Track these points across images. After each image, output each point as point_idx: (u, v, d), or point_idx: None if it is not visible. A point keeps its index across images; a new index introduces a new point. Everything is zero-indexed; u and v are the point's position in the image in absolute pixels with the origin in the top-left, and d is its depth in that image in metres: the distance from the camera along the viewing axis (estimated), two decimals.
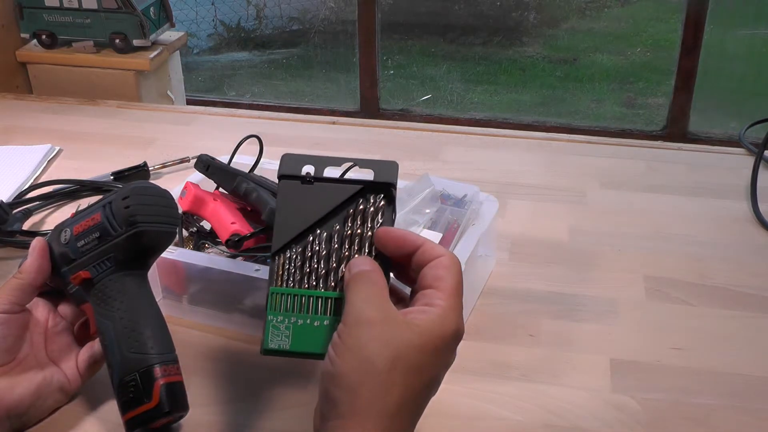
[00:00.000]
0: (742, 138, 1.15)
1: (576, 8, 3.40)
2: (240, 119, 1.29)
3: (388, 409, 0.49)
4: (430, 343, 0.51)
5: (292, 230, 0.59)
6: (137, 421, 0.63)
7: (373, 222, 0.58)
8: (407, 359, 0.50)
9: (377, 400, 0.49)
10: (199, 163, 0.86)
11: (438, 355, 0.52)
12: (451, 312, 0.52)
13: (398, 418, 0.50)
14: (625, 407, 0.69)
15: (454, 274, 0.54)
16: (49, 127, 1.26)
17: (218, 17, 3.66)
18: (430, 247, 0.56)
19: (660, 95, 2.86)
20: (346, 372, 0.50)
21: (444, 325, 0.52)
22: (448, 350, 0.53)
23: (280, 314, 0.57)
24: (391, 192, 0.59)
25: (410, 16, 3.32)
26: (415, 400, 0.51)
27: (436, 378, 0.53)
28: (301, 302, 0.57)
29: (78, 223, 0.67)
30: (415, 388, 0.51)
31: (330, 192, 0.59)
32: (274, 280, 0.58)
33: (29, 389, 0.65)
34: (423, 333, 0.51)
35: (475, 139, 1.19)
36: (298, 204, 0.59)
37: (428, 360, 0.51)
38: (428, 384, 0.52)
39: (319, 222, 0.59)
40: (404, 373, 0.50)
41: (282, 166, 0.60)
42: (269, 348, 0.56)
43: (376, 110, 2.62)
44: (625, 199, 1.02)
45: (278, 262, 0.59)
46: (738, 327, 0.79)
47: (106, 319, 0.65)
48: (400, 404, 0.50)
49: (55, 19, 1.60)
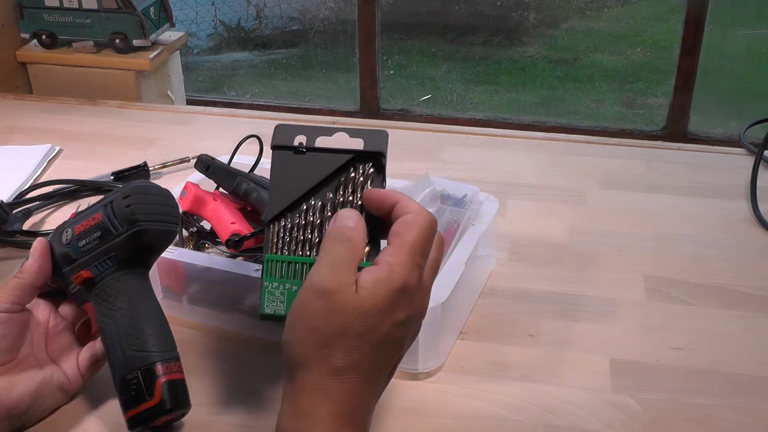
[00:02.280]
0: (742, 138, 1.15)
1: (576, 8, 3.40)
2: (240, 119, 1.29)
3: (331, 371, 0.52)
4: (375, 304, 0.52)
5: (286, 199, 0.60)
6: (139, 419, 0.63)
7: (363, 190, 0.59)
8: (352, 329, 0.52)
9: (320, 365, 0.52)
10: (199, 163, 0.86)
11: (383, 314, 0.52)
12: (398, 267, 0.53)
13: (342, 377, 0.52)
14: (625, 407, 0.69)
15: (414, 231, 0.54)
16: (49, 127, 1.26)
17: (218, 17, 3.66)
18: (404, 204, 0.56)
19: (660, 95, 2.86)
20: (293, 340, 0.53)
21: (389, 281, 0.52)
22: (393, 306, 0.53)
23: (275, 280, 0.59)
24: (380, 161, 0.60)
25: (410, 16, 3.32)
26: (362, 362, 0.52)
27: (387, 336, 0.53)
28: (295, 269, 0.59)
29: (79, 223, 0.67)
30: (360, 351, 0.52)
31: (322, 161, 0.60)
32: (269, 248, 0.60)
33: (29, 388, 0.65)
34: (368, 294, 0.52)
35: (475, 139, 1.19)
36: (291, 173, 0.61)
37: (373, 322, 0.52)
38: (376, 344, 0.53)
39: (312, 191, 0.60)
40: (348, 341, 0.52)
41: (275, 137, 0.62)
42: (266, 313, 0.59)
43: (376, 110, 2.62)
44: (625, 199, 1.02)
45: (273, 230, 0.60)
46: (738, 327, 0.79)
47: (107, 318, 0.65)
48: (344, 366, 0.52)
49: (55, 19, 1.59)
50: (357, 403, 0.53)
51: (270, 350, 0.76)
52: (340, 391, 0.52)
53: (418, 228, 0.54)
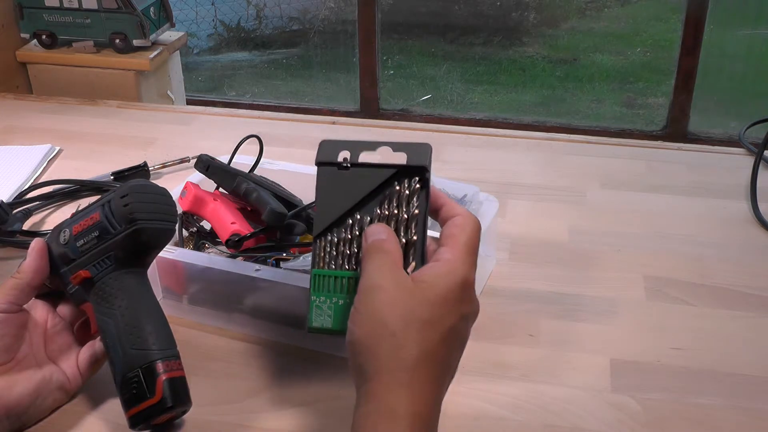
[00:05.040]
0: (742, 138, 1.15)
1: (576, 8, 3.39)
2: (240, 119, 1.29)
3: (405, 363, 0.52)
4: (438, 295, 0.54)
5: (332, 215, 0.61)
6: (141, 417, 0.63)
7: (408, 205, 0.60)
8: (418, 316, 0.53)
9: (393, 357, 0.52)
10: (199, 163, 0.86)
11: (448, 306, 0.54)
12: (458, 263, 0.55)
13: (418, 371, 0.52)
14: (625, 407, 0.69)
15: (466, 232, 0.57)
16: (49, 127, 1.26)
17: (218, 17, 3.65)
18: (450, 207, 0.59)
19: (660, 95, 2.86)
20: (362, 338, 0.53)
21: (450, 275, 0.54)
22: (458, 300, 0.54)
23: (322, 294, 0.60)
24: (424, 174, 0.60)
25: (410, 16, 3.32)
26: (434, 353, 0.53)
27: (454, 329, 0.55)
28: (341, 283, 0.60)
29: (77, 223, 0.67)
30: (431, 340, 0.53)
31: (366, 176, 0.61)
32: (317, 263, 0.61)
33: (28, 388, 0.65)
34: (430, 287, 0.54)
35: (475, 139, 1.19)
36: (336, 189, 0.62)
37: (438, 312, 0.53)
38: (445, 335, 0.54)
39: (357, 206, 0.61)
40: (417, 329, 0.53)
41: (320, 153, 0.63)
42: (314, 326, 0.60)
43: (376, 110, 2.62)
44: (625, 199, 1.02)
45: (320, 245, 0.61)
46: (738, 327, 0.79)
47: (107, 317, 0.65)
48: (417, 358, 0.52)
49: (55, 19, 1.59)
50: (432, 400, 0.53)
51: (270, 350, 0.76)
52: (419, 387, 0.52)
53: (470, 229, 0.57)
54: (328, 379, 0.73)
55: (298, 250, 0.79)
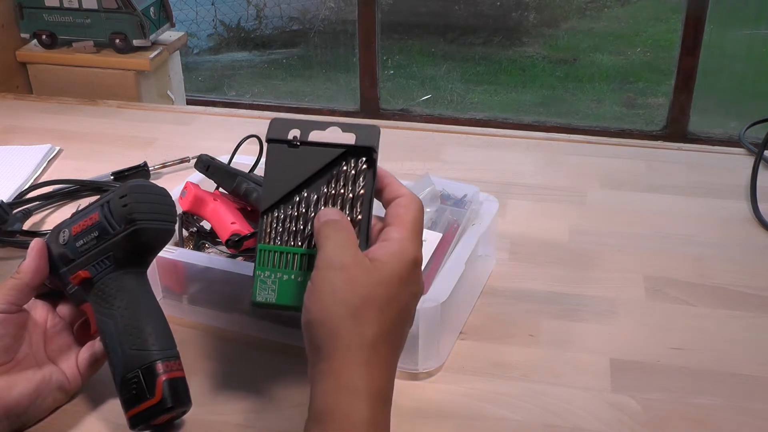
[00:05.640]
0: (742, 138, 1.15)
1: (576, 8, 3.39)
2: (240, 119, 1.29)
3: (366, 341, 0.53)
4: (393, 275, 0.55)
5: (280, 191, 0.62)
6: (140, 418, 0.63)
7: (354, 185, 0.61)
8: (376, 295, 0.54)
9: (355, 336, 0.53)
10: (199, 163, 0.86)
11: (402, 285, 0.56)
12: (407, 242, 0.57)
13: (377, 348, 0.54)
14: (625, 407, 0.69)
15: (411, 211, 0.58)
16: (49, 127, 1.26)
17: (218, 17, 3.65)
18: (395, 187, 0.60)
19: (660, 95, 2.86)
20: (320, 316, 0.54)
21: (402, 255, 0.56)
22: (410, 279, 0.56)
23: (267, 269, 0.61)
24: (372, 156, 0.61)
25: (410, 16, 3.32)
26: (390, 331, 0.55)
27: (406, 308, 0.57)
28: (286, 259, 0.61)
29: (76, 223, 0.67)
30: (388, 319, 0.55)
31: (315, 155, 0.62)
32: (263, 238, 0.62)
33: (28, 389, 0.65)
34: (385, 267, 0.55)
35: (475, 139, 1.19)
36: (285, 166, 0.62)
37: (394, 291, 0.55)
38: (399, 314, 0.56)
39: (305, 184, 0.62)
40: (376, 308, 0.54)
41: (270, 130, 0.63)
42: (257, 301, 0.61)
43: (376, 110, 2.62)
44: (625, 199, 1.02)
45: (266, 221, 0.62)
46: (738, 327, 0.79)
47: (106, 317, 0.65)
48: (377, 335, 0.54)
49: (55, 19, 1.59)
50: (388, 376, 0.55)
51: (270, 350, 0.76)
52: (377, 364, 0.53)
53: (414, 208, 0.59)
54: None
55: None
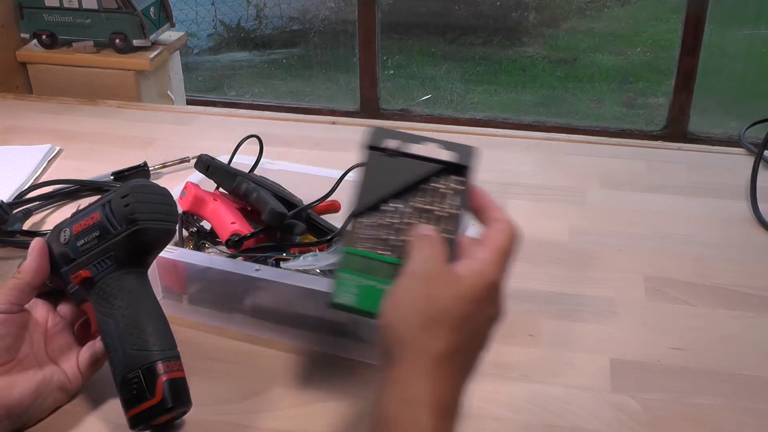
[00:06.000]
0: (742, 138, 1.15)
1: (576, 8, 3.40)
2: (240, 119, 1.29)
3: (434, 354, 0.53)
4: (470, 292, 0.54)
5: (372, 198, 0.62)
6: (141, 418, 0.63)
7: (448, 202, 0.61)
8: (451, 310, 0.54)
9: (423, 347, 0.53)
10: (199, 163, 0.86)
11: (478, 304, 0.55)
12: (490, 264, 0.56)
13: (445, 363, 0.53)
14: (625, 407, 0.69)
15: (505, 237, 0.57)
16: (49, 127, 1.26)
17: (218, 17, 3.65)
18: (495, 211, 0.60)
19: (660, 95, 2.86)
20: (396, 322, 0.54)
21: (483, 275, 0.55)
22: (487, 300, 0.55)
23: (350, 273, 0.60)
24: (467, 174, 0.62)
25: (410, 16, 3.32)
26: (459, 350, 0.54)
27: (480, 330, 0.56)
28: (371, 265, 0.60)
29: (77, 223, 0.67)
30: (459, 337, 0.54)
31: (412, 167, 0.63)
32: (351, 242, 0.61)
33: (29, 388, 0.65)
34: (463, 283, 0.55)
35: (475, 139, 1.19)
36: (380, 174, 0.63)
37: (469, 309, 0.54)
38: (471, 334, 0.55)
39: (399, 194, 0.62)
40: (448, 323, 0.53)
41: (370, 137, 0.64)
42: (336, 302, 0.59)
43: (376, 110, 2.62)
44: (625, 199, 1.02)
45: (356, 225, 0.62)
46: (738, 327, 0.79)
47: (107, 317, 0.65)
48: (444, 350, 0.53)
49: (55, 19, 1.60)
50: (454, 393, 0.54)
51: (270, 350, 0.76)
52: (442, 379, 0.53)
53: (509, 235, 0.58)
54: (328, 379, 0.73)
55: (298, 250, 0.79)
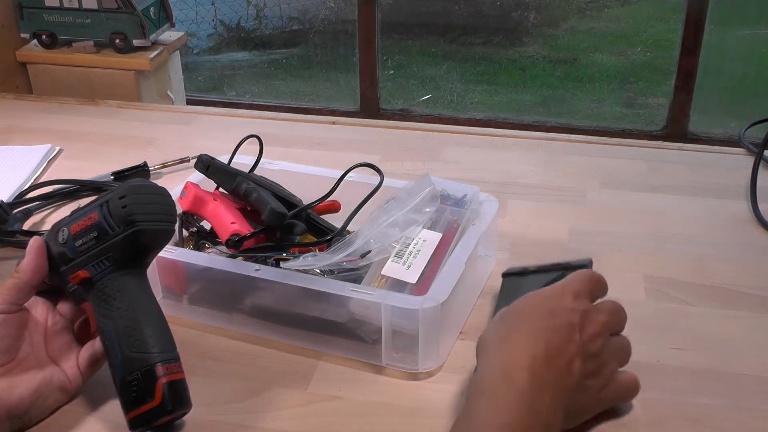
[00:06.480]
0: (742, 138, 1.15)
1: (576, 8, 3.40)
2: (240, 119, 1.29)
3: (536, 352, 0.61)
4: (527, 300, 0.65)
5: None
6: (140, 420, 0.63)
7: None
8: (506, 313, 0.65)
9: (496, 358, 0.61)
10: (199, 163, 0.86)
11: (552, 299, 0.64)
12: (560, 285, 0.66)
13: (545, 361, 0.60)
14: (625, 407, 0.69)
15: (583, 277, 0.67)
16: (49, 127, 1.26)
17: (218, 17, 3.66)
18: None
19: (660, 95, 2.86)
20: (485, 334, 0.64)
21: (538, 293, 0.66)
22: (555, 301, 0.64)
23: None
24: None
25: (410, 16, 3.32)
26: (556, 351, 0.61)
27: (564, 349, 0.62)
28: None
29: (75, 222, 0.67)
30: (554, 340, 0.62)
31: (539, 277, 0.75)
32: None
33: (29, 389, 0.65)
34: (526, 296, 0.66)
35: (475, 139, 1.19)
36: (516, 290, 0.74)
37: (542, 312, 0.63)
38: (547, 348, 0.61)
39: None
40: (523, 336, 0.62)
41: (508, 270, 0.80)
42: None
43: (376, 110, 2.62)
44: (625, 199, 1.02)
45: None
46: (738, 327, 0.79)
47: (106, 318, 0.65)
48: (546, 350, 0.61)
49: (55, 19, 1.59)
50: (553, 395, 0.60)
51: (270, 350, 0.76)
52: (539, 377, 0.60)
53: (577, 274, 0.68)
54: (327, 379, 0.73)
55: (298, 250, 0.79)
